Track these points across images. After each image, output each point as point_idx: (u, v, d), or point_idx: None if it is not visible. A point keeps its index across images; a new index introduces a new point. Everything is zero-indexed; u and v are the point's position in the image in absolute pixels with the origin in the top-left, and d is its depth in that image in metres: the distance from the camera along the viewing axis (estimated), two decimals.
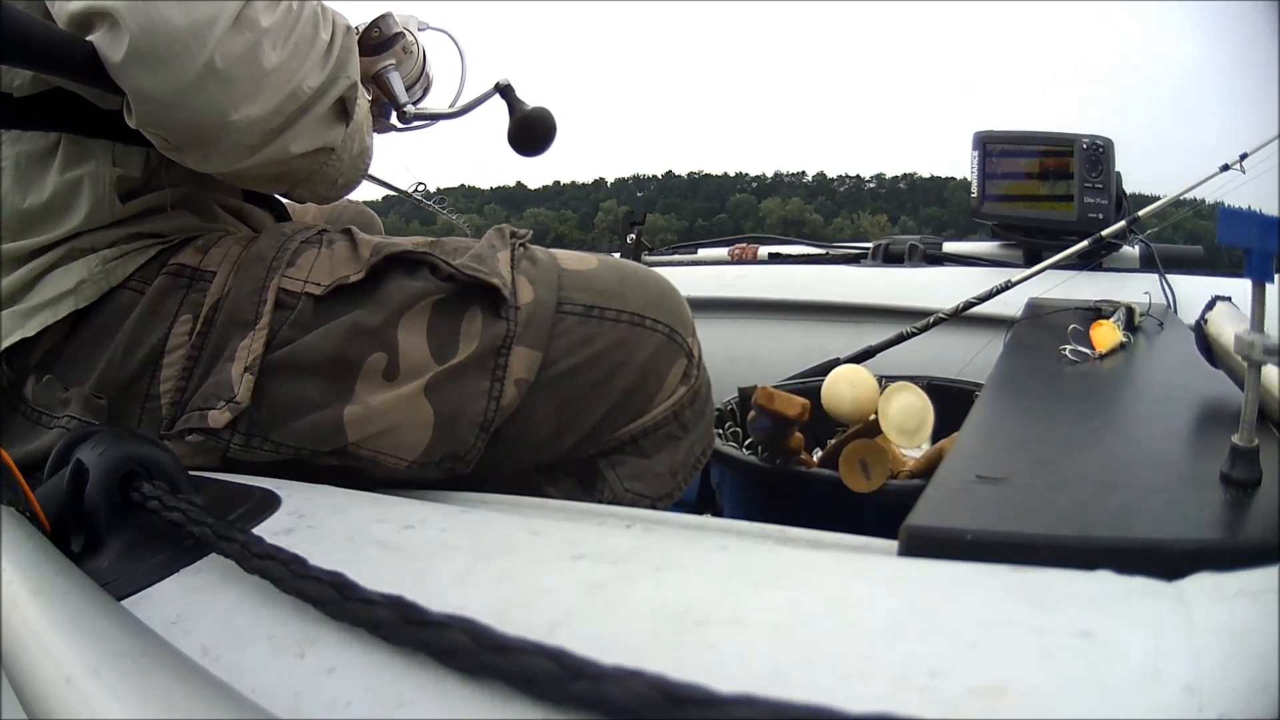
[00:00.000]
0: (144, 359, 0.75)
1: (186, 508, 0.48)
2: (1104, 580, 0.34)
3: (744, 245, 2.47)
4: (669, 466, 0.86)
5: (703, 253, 2.52)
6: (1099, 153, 1.85)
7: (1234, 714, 0.25)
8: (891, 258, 2.15)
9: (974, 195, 2.04)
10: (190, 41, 0.64)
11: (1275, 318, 0.47)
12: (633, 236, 2.48)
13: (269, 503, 0.56)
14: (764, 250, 2.42)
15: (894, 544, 0.45)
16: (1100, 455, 0.57)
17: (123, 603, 0.44)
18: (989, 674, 0.28)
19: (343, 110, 0.78)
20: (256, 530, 0.51)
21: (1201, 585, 0.33)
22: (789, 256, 2.35)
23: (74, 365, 0.77)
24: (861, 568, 0.39)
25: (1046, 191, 1.92)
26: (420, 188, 1.43)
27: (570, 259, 0.86)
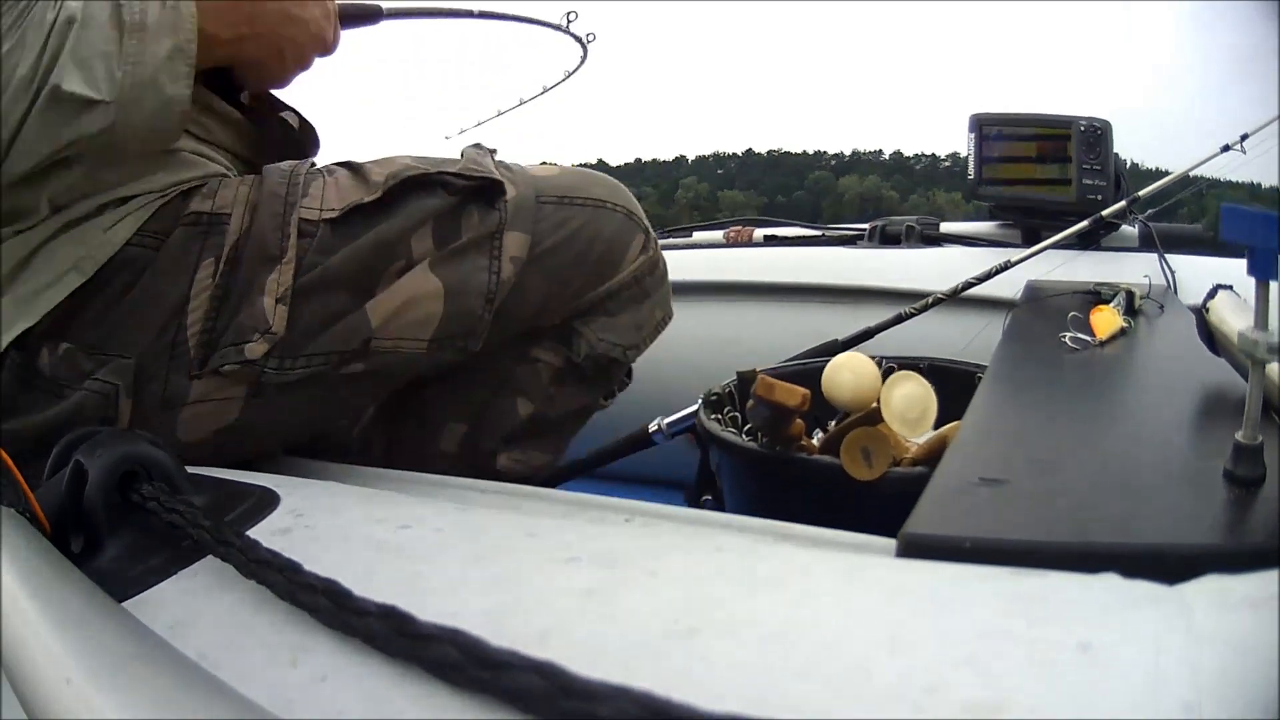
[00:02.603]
0: (169, 309, 0.79)
1: (185, 509, 0.48)
2: (1105, 587, 0.34)
3: (739, 228, 2.45)
4: (634, 322, 1.02)
5: (698, 235, 2.50)
6: (1097, 134, 1.84)
7: None
8: (888, 239, 2.14)
9: (970, 176, 2.03)
10: None
11: (1278, 313, 0.46)
12: None
13: (267, 501, 0.55)
14: (759, 233, 2.40)
15: (893, 543, 0.45)
16: (1101, 453, 0.57)
17: (123, 604, 0.44)
18: (985, 691, 0.28)
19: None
20: (255, 529, 0.51)
21: (1204, 592, 0.32)
22: (785, 238, 2.34)
23: (91, 329, 0.78)
24: (858, 572, 0.39)
25: (1044, 173, 1.91)
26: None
27: (535, 168, 1.00)
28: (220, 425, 0.81)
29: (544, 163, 1.05)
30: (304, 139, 1.06)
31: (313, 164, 0.91)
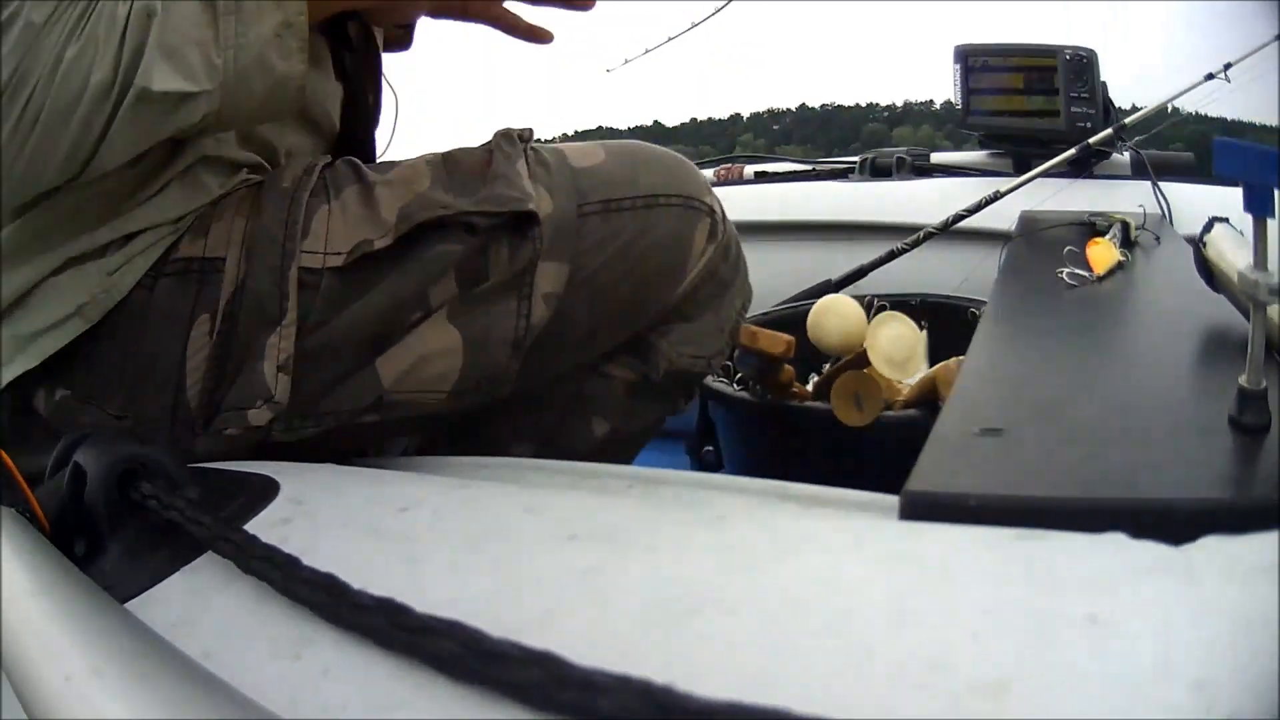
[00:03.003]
0: (165, 370, 0.71)
1: (183, 506, 0.47)
2: (1112, 549, 0.33)
3: (729, 165, 2.44)
4: (715, 325, 0.90)
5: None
6: (1083, 63, 1.82)
7: (1244, 714, 0.25)
8: (879, 171, 2.12)
9: (958, 108, 2.01)
10: None
11: (1275, 250, 0.45)
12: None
13: (267, 490, 0.55)
14: (750, 169, 2.39)
15: (895, 501, 0.44)
16: (1103, 398, 0.56)
17: (127, 604, 0.44)
18: (991, 668, 0.28)
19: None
20: (255, 520, 0.51)
21: (1212, 557, 0.32)
22: (775, 175, 2.32)
23: (86, 379, 0.72)
24: (861, 541, 0.39)
25: (1032, 103, 1.90)
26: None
27: (576, 154, 0.85)
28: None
29: (592, 137, 0.94)
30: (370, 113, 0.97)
31: (323, 167, 0.78)
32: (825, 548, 0.38)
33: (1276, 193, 0.43)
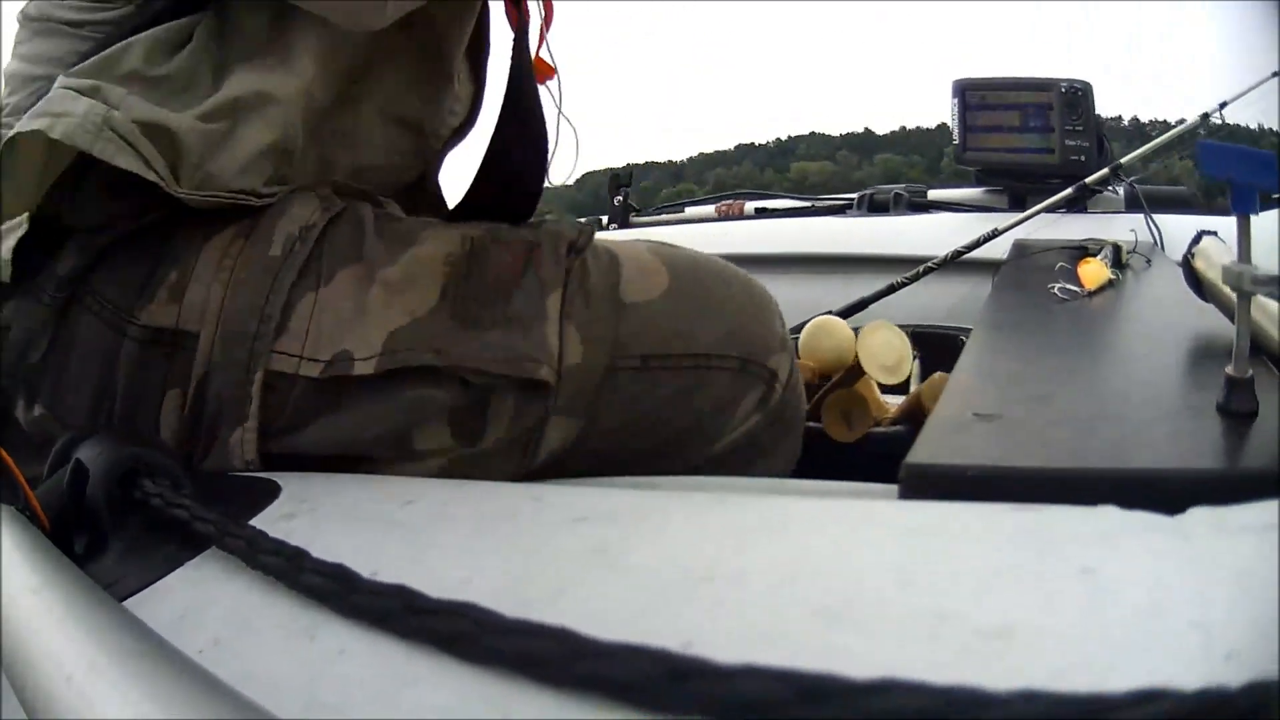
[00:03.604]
0: (141, 425, 0.66)
1: (190, 504, 0.48)
2: (1105, 517, 0.34)
3: (730, 202, 2.46)
4: None
5: (690, 210, 2.51)
6: (1077, 95, 1.85)
7: (1244, 650, 0.25)
8: (876, 207, 2.15)
9: (955, 142, 2.04)
10: None
11: (1262, 250, 0.47)
12: (619, 199, 2.47)
13: (269, 491, 0.55)
14: (750, 205, 2.42)
15: (894, 489, 0.45)
16: (1095, 389, 0.58)
17: (130, 600, 0.44)
18: (995, 617, 0.28)
19: None
20: (259, 517, 0.51)
21: (1203, 520, 0.33)
22: (775, 211, 2.35)
23: (60, 404, 0.68)
24: (863, 514, 0.39)
25: (1027, 136, 1.92)
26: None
27: (636, 279, 0.71)
28: None
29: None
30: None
31: (324, 234, 0.67)
32: (830, 521, 0.39)
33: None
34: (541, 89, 0.85)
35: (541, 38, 0.87)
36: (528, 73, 0.84)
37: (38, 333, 0.67)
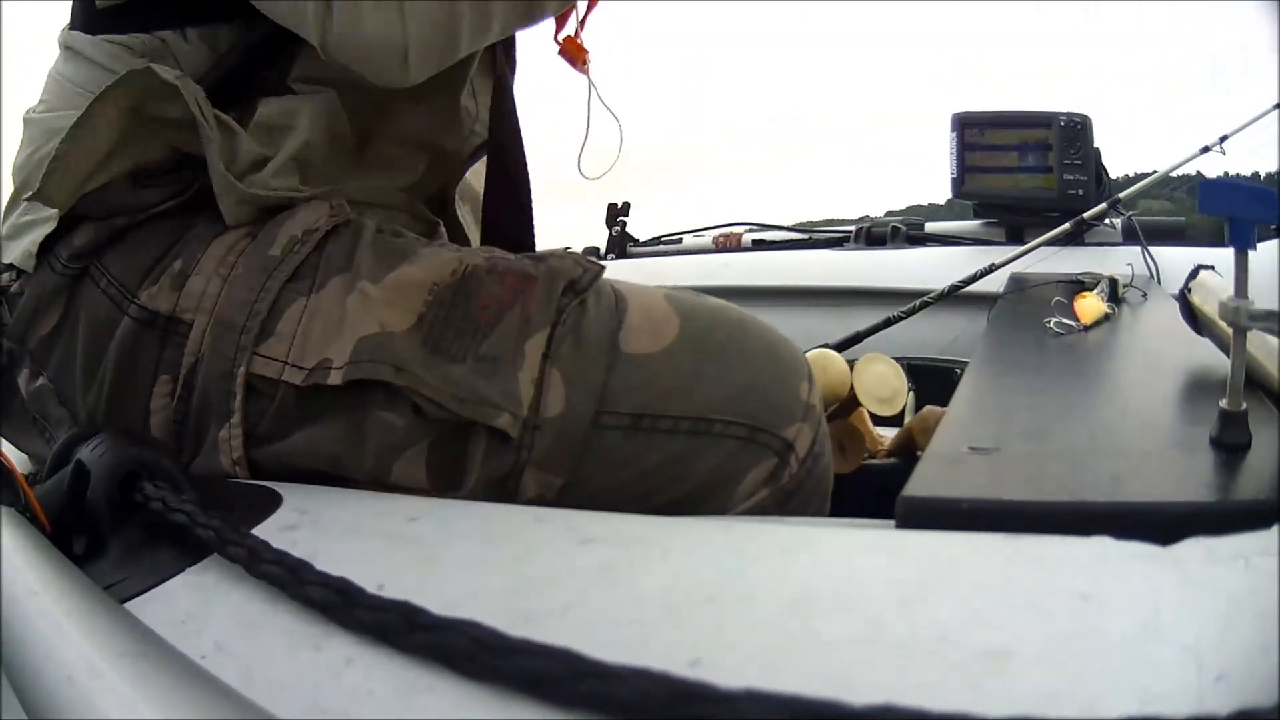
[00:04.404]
0: (133, 409, 0.67)
1: (191, 510, 0.47)
2: (1099, 546, 0.35)
3: (728, 233, 2.47)
4: None
5: (688, 241, 2.52)
6: (1077, 129, 1.87)
7: (1234, 674, 0.26)
8: (874, 240, 2.16)
9: (953, 176, 2.06)
10: None
11: (1259, 285, 0.48)
12: (617, 230, 2.48)
13: (271, 501, 0.55)
14: (748, 237, 2.42)
15: (890, 522, 0.46)
16: (1090, 423, 0.58)
17: (131, 602, 0.44)
18: (993, 639, 0.29)
19: None
20: (261, 527, 0.51)
21: (1195, 549, 0.33)
22: (772, 242, 2.36)
23: (64, 376, 0.70)
24: (862, 541, 0.40)
25: (1026, 169, 1.94)
26: None
27: (642, 329, 0.66)
28: None
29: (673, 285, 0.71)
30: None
31: (326, 239, 0.68)
32: (831, 547, 0.40)
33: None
34: (568, 76, 0.87)
35: (583, 21, 0.86)
36: (511, 128, 0.85)
37: (47, 301, 0.68)
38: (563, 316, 0.64)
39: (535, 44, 0.84)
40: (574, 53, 0.85)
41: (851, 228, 2.23)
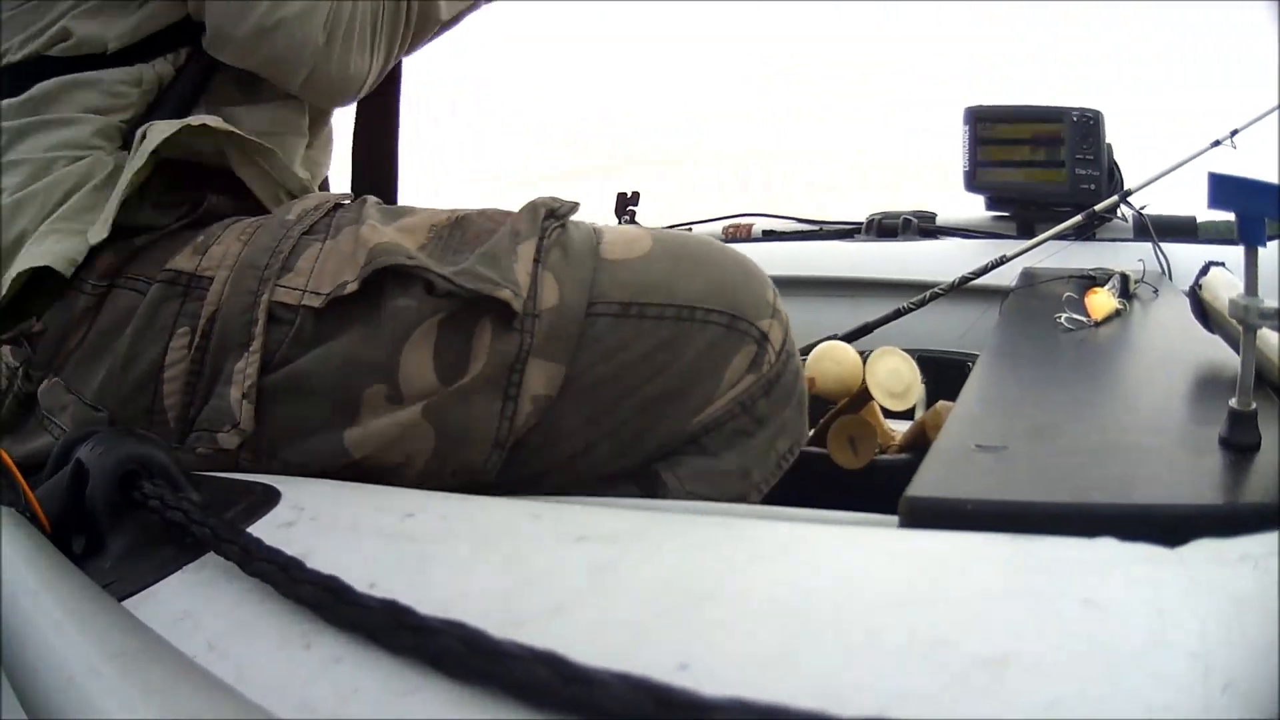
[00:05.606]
0: (144, 373, 0.71)
1: (188, 508, 0.48)
2: (1105, 548, 0.34)
3: (738, 224, 2.46)
4: (739, 465, 0.73)
5: (697, 230, 2.51)
6: (1089, 124, 1.86)
7: (1241, 683, 0.25)
8: (885, 231, 2.15)
9: (965, 169, 2.04)
10: None
11: (1269, 282, 0.47)
12: (626, 219, 2.47)
13: (269, 497, 0.55)
14: (758, 228, 2.42)
15: (894, 519, 0.45)
16: (1098, 421, 0.58)
17: (128, 601, 0.44)
18: (993, 645, 0.28)
19: None
20: (258, 524, 0.51)
21: (1203, 551, 0.33)
22: (783, 233, 2.35)
23: (78, 370, 0.74)
24: (863, 541, 0.39)
25: (1039, 164, 1.93)
26: None
27: (618, 242, 0.74)
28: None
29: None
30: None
31: (337, 205, 0.77)
32: (829, 546, 0.39)
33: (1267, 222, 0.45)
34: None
35: None
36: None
37: (77, 320, 0.74)
38: (548, 232, 0.72)
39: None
40: None
41: (862, 219, 2.23)
